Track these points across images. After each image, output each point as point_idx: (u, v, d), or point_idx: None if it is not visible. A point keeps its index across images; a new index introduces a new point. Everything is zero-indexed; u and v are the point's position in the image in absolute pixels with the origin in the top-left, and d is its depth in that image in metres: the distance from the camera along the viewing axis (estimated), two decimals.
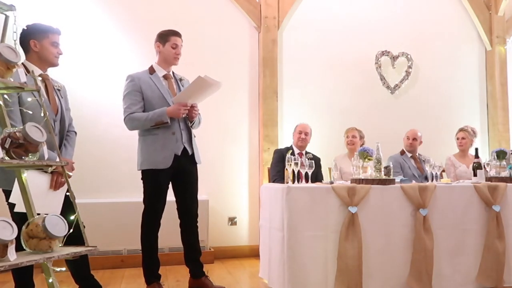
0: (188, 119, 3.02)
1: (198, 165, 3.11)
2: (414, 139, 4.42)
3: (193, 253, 3.10)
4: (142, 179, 3.00)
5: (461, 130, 4.62)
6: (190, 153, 3.03)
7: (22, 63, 2.47)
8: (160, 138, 2.93)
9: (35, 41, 2.50)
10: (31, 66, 2.51)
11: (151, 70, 3.05)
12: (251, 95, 4.63)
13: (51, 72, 2.64)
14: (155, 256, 3.00)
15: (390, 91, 5.06)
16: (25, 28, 2.53)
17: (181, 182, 3.05)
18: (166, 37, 3.03)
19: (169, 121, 2.90)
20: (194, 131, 3.11)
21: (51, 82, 2.60)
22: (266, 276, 3.28)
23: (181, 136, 2.98)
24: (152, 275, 2.99)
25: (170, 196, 3.06)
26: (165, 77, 3.06)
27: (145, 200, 2.99)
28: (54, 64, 2.60)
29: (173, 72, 3.15)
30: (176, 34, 3.05)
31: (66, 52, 2.67)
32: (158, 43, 3.04)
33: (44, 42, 2.52)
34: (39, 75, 2.53)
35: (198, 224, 3.12)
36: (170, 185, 3.06)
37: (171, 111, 2.89)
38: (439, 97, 5.20)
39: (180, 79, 3.15)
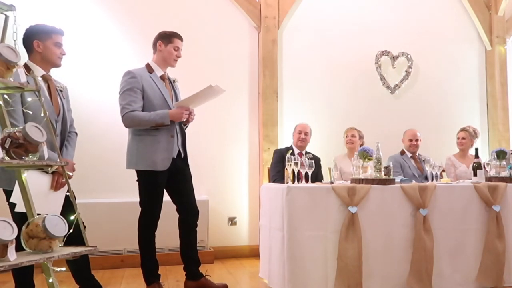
0: (184, 122, 3.03)
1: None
2: (417, 140, 4.42)
3: (193, 253, 3.09)
4: (138, 180, 2.97)
5: (462, 130, 4.62)
6: (183, 155, 3.06)
7: (25, 63, 2.47)
8: (160, 140, 2.92)
9: (38, 41, 2.51)
10: (34, 67, 2.51)
11: (150, 69, 3.03)
12: (251, 95, 4.63)
13: (51, 72, 2.64)
14: (153, 257, 3.00)
15: (390, 91, 5.06)
16: (29, 28, 2.53)
17: (178, 182, 3.04)
18: (170, 37, 3.02)
19: (169, 124, 2.91)
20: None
21: (53, 83, 2.60)
22: (266, 276, 3.28)
23: (177, 139, 3.00)
24: (151, 276, 2.99)
25: (166, 196, 3.06)
26: (162, 77, 3.05)
27: (141, 202, 2.97)
28: (57, 65, 2.60)
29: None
30: (179, 37, 3.06)
31: (67, 52, 2.67)
32: (160, 41, 3.02)
33: (47, 42, 2.52)
34: (42, 76, 2.53)
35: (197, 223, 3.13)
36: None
37: (174, 114, 2.90)
38: (439, 97, 5.20)
39: (174, 81, 3.14)
